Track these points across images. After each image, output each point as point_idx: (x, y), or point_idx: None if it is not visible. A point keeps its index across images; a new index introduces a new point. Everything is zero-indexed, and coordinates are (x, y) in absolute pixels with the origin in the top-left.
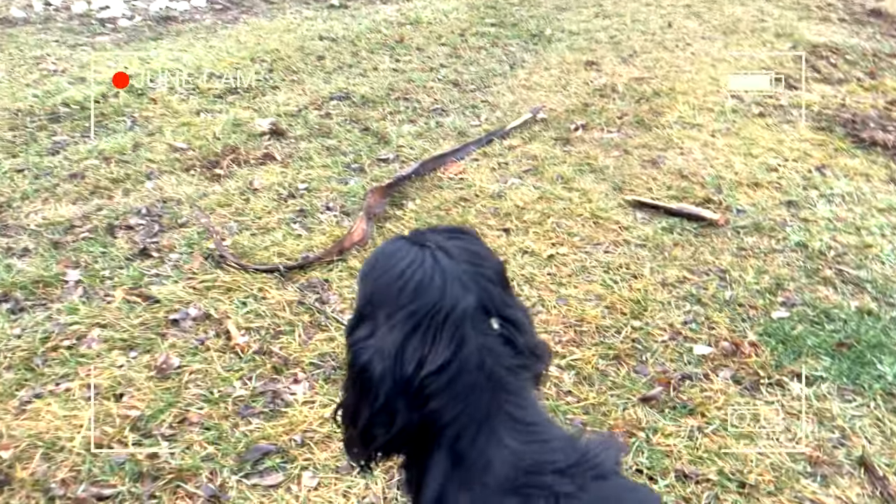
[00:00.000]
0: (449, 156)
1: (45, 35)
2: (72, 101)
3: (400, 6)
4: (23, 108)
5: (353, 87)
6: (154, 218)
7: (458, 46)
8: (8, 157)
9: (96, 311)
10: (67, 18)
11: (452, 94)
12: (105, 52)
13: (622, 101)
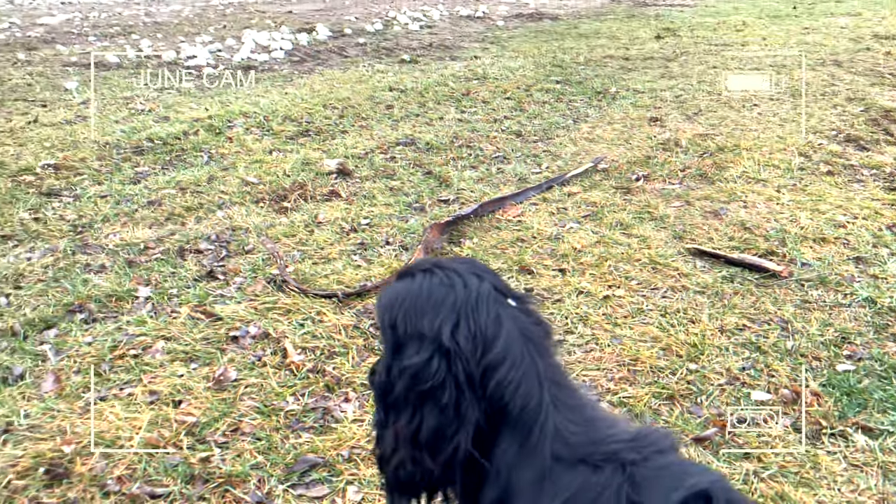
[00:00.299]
0: (508, 199)
1: (136, 79)
2: (155, 136)
3: (468, 63)
4: (111, 142)
5: (419, 134)
6: (222, 244)
7: (523, 101)
8: (94, 184)
9: (162, 325)
10: (157, 65)
11: (515, 144)
12: (189, 95)
13: (685, 154)
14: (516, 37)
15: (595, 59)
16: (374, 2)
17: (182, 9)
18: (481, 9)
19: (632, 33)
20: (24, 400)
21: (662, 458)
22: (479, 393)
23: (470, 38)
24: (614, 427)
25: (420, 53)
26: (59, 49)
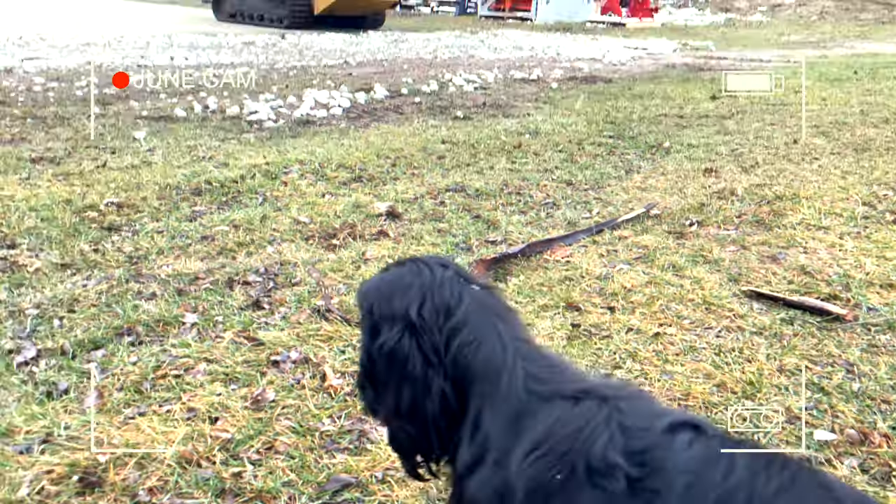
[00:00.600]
0: (557, 241)
1: (200, 130)
2: (214, 180)
3: (521, 119)
4: (171, 184)
5: (469, 181)
6: (270, 276)
7: (575, 153)
8: (152, 220)
9: (205, 348)
10: (221, 119)
11: (565, 192)
12: (249, 145)
13: (741, 203)
14: (569, 97)
15: (648, 116)
16: (430, 66)
17: (248, 71)
18: (536, 72)
19: (686, 94)
20: (66, 413)
21: (639, 397)
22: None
23: (523, 99)
24: (581, 374)
25: (473, 111)
26: (132, 104)
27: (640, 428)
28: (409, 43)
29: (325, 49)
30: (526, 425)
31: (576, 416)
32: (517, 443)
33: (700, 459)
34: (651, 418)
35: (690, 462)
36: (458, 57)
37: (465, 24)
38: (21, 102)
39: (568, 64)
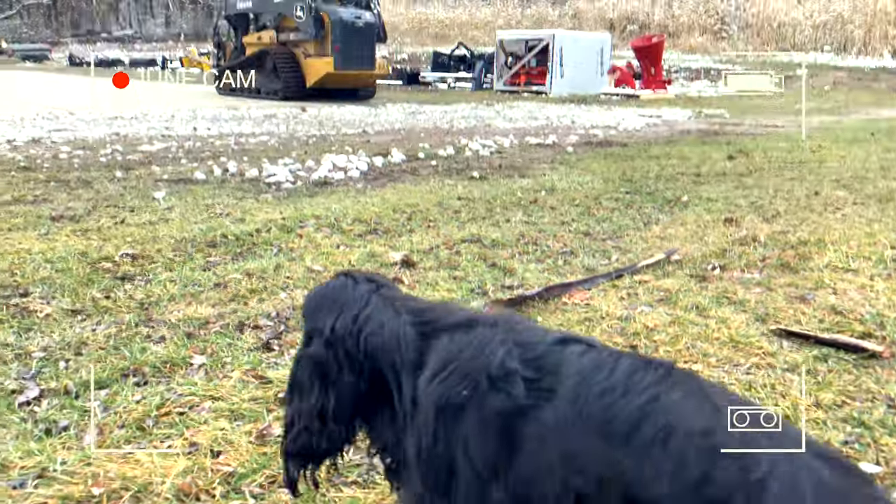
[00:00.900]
0: (575, 285)
1: (219, 191)
2: (230, 233)
3: (536, 179)
4: (187, 237)
5: (485, 233)
6: (282, 320)
7: (591, 207)
8: (165, 270)
9: (212, 387)
10: (240, 181)
11: (583, 241)
12: (266, 203)
13: (764, 248)
14: (585, 159)
15: (665, 175)
16: (447, 133)
17: (268, 139)
18: (551, 138)
19: (703, 155)
20: (64, 449)
21: (525, 321)
22: (361, 356)
23: (539, 161)
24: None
25: (489, 172)
26: (153, 169)
27: (533, 342)
28: (427, 114)
29: (344, 120)
30: (427, 360)
31: (471, 340)
32: (423, 374)
33: (589, 364)
34: (542, 335)
35: (580, 366)
36: (474, 126)
37: (482, 97)
38: (46, 168)
39: (583, 131)
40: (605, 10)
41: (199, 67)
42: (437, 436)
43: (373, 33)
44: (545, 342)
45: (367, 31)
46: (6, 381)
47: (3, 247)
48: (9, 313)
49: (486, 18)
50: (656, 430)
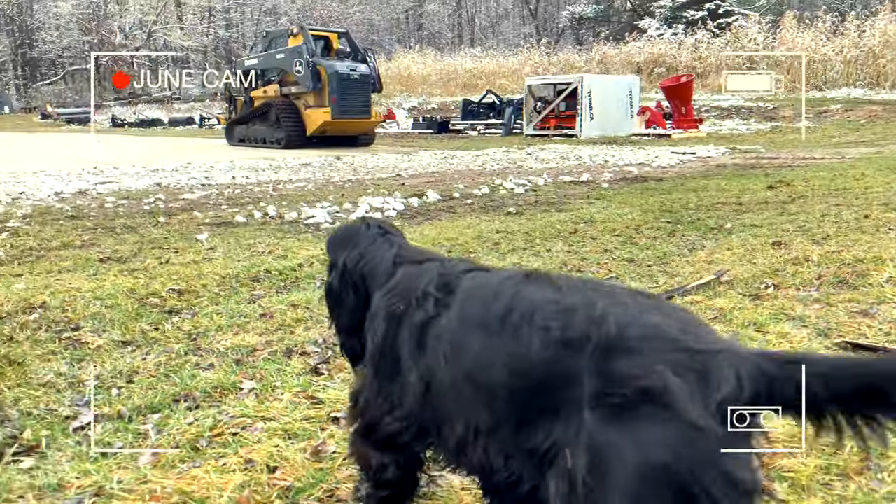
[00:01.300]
0: None
1: (260, 232)
2: (273, 268)
3: (574, 213)
4: (231, 273)
5: (527, 262)
6: (329, 346)
7: (633, 237)
8: (211, 304)
9: (263, 408)
10: (280, 223)
11: (627, 268)
12: (306, 241)
13: (818, 267)
14: (621, 193)
15: (706, 205)
16: (480, 175)
17: (306, 185)
18: (585, 176)
19: (742, 186)
20: (119, 469)
21: (464, 261)
22: (360, 284)
23: (574, 197)
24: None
25: (525, 208)
26: (195, 214)
27: (449, 273)
28: (459, 159)
29: (378, 166)
30: (389, 282)
31: (417, 272)
32: (380, 294)
33: (477, 282)
34: (459, 266)
35: (470, 284)
36: (506, 167)
37: (512, 142)
38: (93, 216)
39: (617, 168)
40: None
41: None
42: (382, 335)
43: (368, 84)
44: (455, 272)
45: (362, 83)
46: (60, 408)
47: (54, 287)
48: (62, 345)
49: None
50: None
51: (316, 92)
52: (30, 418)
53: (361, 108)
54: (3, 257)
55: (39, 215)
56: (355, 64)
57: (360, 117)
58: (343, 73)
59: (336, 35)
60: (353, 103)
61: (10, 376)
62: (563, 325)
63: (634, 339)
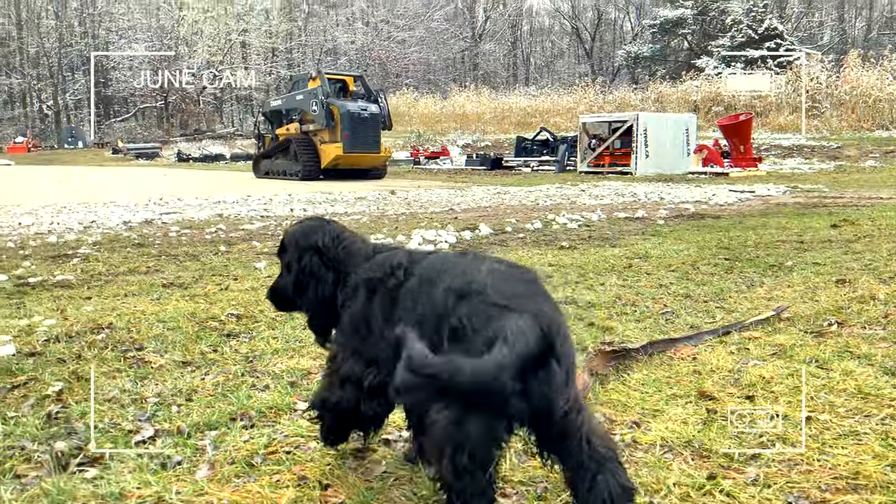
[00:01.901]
0: (681, 341)
1: None
2: None
3: (628, 248)
4: None
5: (579, 295)
6: None
7: (689, 273)
8: (268, 328)
9: (316, 429)
10: None
11: (684, 303)
12: None
13: (885, 305)
14: (677, 230)
15: (765, 243)
16: (533, 210)
17: (360, 217)
18: (640, 213)
19: (804, 225)
20: (178, 481)
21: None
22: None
23: (629, 233)
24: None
25: (578, 243)
26: (254, 244)
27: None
28: (511, 194)
29: (431, 200)
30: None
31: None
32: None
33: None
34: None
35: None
36: (559, 203)
37: (566, 179)
38: (157, 245)
39: (672, 206)
40: (688, 92)
41: None
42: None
43: (377, 122)
44: (422, 253)
45: (371, 121)
46: (123, 423)
47: (120, 309)
48: (126, 364)
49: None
50: (453, 278)
51: (329, 129)
52: (95, 431)
53: (371, 143)
54: (75, 281)
55: (108, 243)
56: (366, 104)
57: (370, 152)
58: (354, 112)
59: (352, 78)
60: (363, 139)
61: (77, 391)
62: (456, 280)
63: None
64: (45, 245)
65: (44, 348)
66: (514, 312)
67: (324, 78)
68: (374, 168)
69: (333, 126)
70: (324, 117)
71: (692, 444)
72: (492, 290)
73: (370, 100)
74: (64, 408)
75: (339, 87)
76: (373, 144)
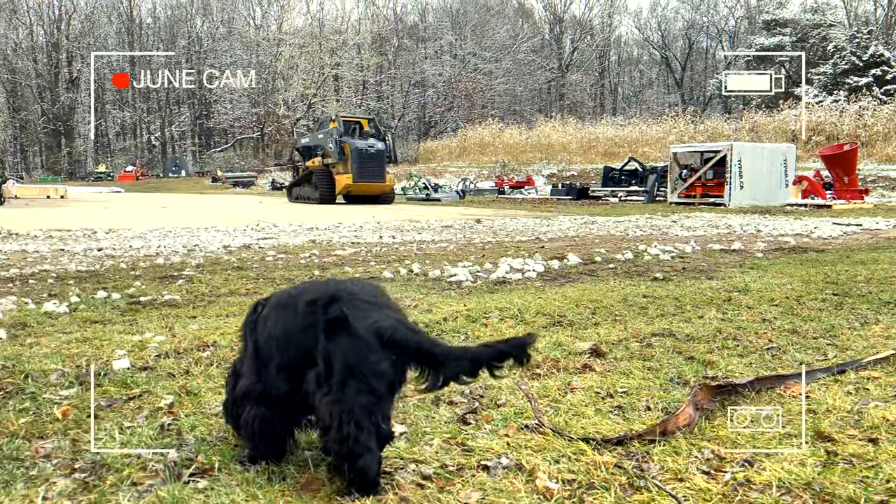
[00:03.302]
0: (791, 378)
1: (405, 287)
2: (419, 321)
3: (726, 281)
4: None
5: (677, 328)
6: (475, 398)
7: (794, 308)
8: None
9: (415, 451)
10: (424, 280)
11: (790, 339)
12: (450, 297)
13: None
14: (778, 263)
15: (878, 278)
16: (622, 240)
17: (447, 245)
18: (736, 245)
19: None
20: (284, 496)
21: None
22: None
23: (726, 265)
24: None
25: (672, 274)
26: (346, 269)
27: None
28: (599, 224)
29: (517, 229)
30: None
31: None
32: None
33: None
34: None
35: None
36: (650, 234)
37: (656, 209)
38: (255, 268)
39: (771, 238)
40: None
41: None
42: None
43: (382, 157)
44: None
45: (377, 156)
46: (230, 437)
47: (223, 328)
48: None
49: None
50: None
51: (342, 162)
52: (203, 444)
53: (377, 174)
54: (180, 300)
55: (210, 265)
56: (374, 141)
57: (377, 181)
58: (362, 149)
59: (367, 120)
60: (370, 171)
61: (187, 405)
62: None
63: (353, 293)
64: (154, 266)
65: (155, 363)
66: (385, 308)
67: (340, 120)
68: (383, 194)
69: (345, 160)
70: (337, 153)
71: (812, 487)
72: (361, 293)
73: (378, 138)
74: (175, 420)
75: (354, 128)
76: (379, 175)
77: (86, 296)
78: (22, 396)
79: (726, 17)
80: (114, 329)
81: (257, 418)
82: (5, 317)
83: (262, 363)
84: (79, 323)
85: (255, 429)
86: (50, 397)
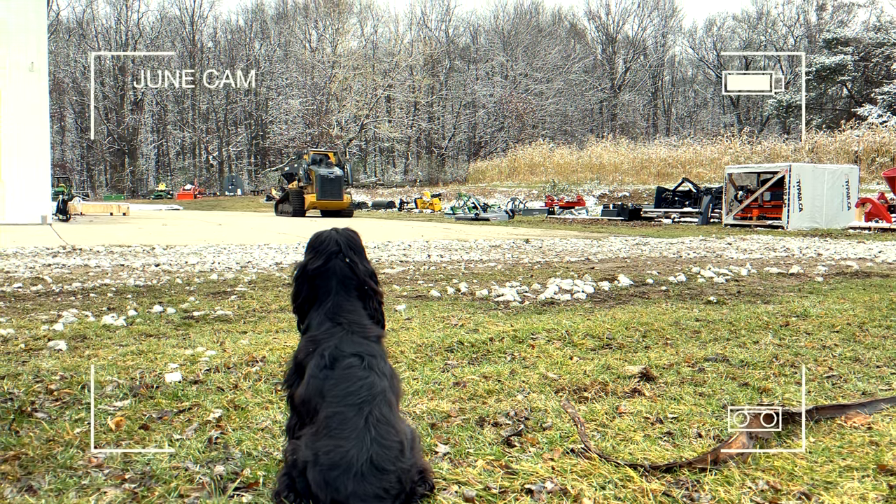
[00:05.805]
0: (853, 408)
1: (452, 306)
2: (465, 340)
3: (783, 306)
4: (426, 343)
5: (731, 353)
6: (521, 420)
7: (857, 334)
8: (409, 369)
9: (458, 472)
10: (471, 300)
11: (852, 367)
12: (497, 317)
13: None
14: (839, 288)
15: None
16: (675, 262)
17: (495, 265)
18: (794, 269)
19: None
20: None
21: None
22: (309, 283)
23: (783, 290)
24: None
25: (727, 298)
26: (394, 287)
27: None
28: (651, 246)
29: (566, 249)
30: (317, 327)
31: (331, 330)
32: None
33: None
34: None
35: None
36: (704, 256)
37: (710, 231)
38: None
39: (832, 262)
40: (848, 143)
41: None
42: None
43: (340, 182)
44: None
45: (336, 181)
46: (275, 452)
47: (272, 344)
48: (278, 396)
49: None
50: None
51: (309, 185)
52: (249, 458)
53: (336, 194)
54: (232, 316)
55: (262, 282)
56: (334, 168)
57: (335, 200)
58: (323, 175)
59: (332, 153)
60: (330, 192)
61: (234, 419)
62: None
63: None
64: (208, 282)
65: (205, 377)
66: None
67: (310, 154)
68: (342, 210)
69: (311, 183)
70: (305, 178)
71: None
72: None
73: (339, 166)
74: (222, 434)
75: (321, 159)
76: (337, 195)
77: (142, 310)
78: (78, 407)
79: (784, 35)
80: (167, 343)
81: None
82: (66, 329)
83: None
84: (135, 336)
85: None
86: (105, 408)
